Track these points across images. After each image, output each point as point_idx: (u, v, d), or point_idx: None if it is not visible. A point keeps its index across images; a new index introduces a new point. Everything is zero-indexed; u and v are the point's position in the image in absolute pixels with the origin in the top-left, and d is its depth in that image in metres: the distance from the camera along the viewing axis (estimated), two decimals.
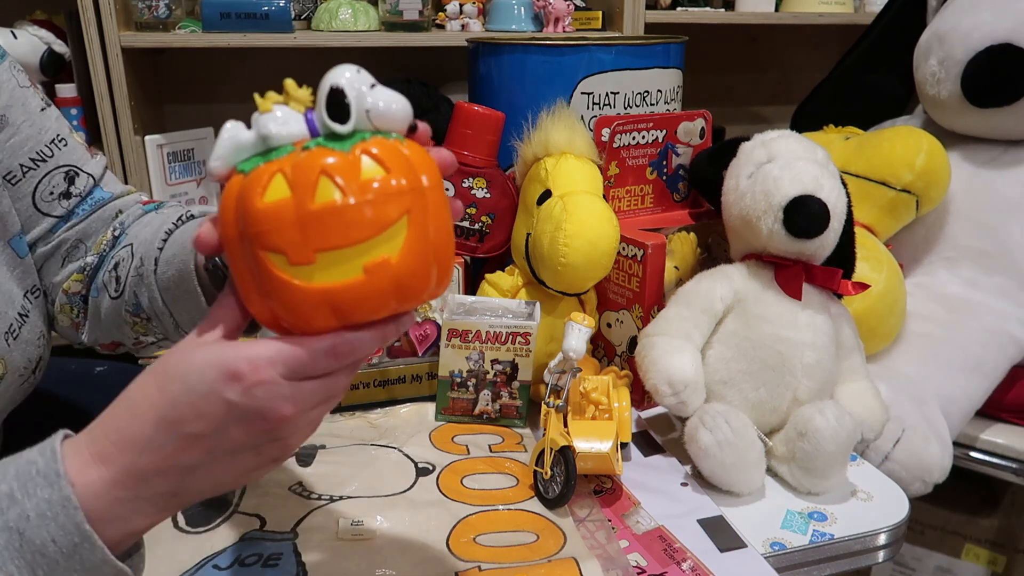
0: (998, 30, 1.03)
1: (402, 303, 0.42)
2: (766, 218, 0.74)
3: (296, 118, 0.42)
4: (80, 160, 0.67)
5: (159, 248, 0.60)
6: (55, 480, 0.39)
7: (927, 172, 1.02)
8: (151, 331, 0.63)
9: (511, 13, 1.49)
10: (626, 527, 0.66)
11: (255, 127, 0.42)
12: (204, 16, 1.35)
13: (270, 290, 0.40)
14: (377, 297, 0.41)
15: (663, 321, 0.78)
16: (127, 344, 0.67)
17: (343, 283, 0.40)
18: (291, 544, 0.63)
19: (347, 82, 0.41)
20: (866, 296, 0.93)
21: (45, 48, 1.36)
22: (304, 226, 0.39)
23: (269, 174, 0.40)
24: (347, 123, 0.41)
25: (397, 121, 0.42)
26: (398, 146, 0.42)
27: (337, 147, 0.40)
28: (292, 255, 0.39)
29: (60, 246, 0.66)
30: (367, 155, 0.40)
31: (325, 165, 0.39)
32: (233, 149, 0.42)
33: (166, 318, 0.61)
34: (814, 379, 0.75)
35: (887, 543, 0.69)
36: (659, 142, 0.92)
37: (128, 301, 0.62)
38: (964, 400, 0.98)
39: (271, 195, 0.40)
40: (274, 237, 0.39)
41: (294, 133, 0.42)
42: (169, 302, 0.60)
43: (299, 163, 0.40)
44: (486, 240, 0.89)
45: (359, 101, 0.41)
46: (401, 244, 0.40)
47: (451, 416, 0.82)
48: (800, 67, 1.94)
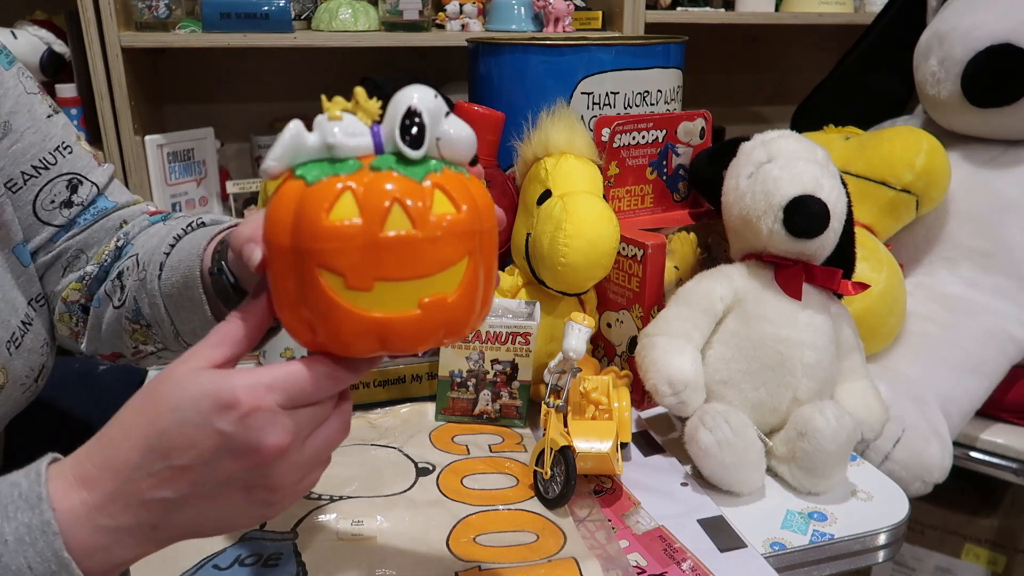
0: (998, 30, 1.03)
1: (447, 338, 0.42)
2: (766, 218, 0.74)
3: (363, 131, 0.41)
4: (85, 168, 0.66)
5: (165, 253, 0.59)
6: (36, 503, 0.38)
7: (927, 172, 1.02)
8: (151, 339, 0.63)
9: (511, 13, 1.49)
10: (626, 527, 0.66)
11: (319, 132, 0.40)
12: (204, 16, 1.35)
13: (317, 309, 0.40)
14: (428, 332, 0.41)
15: (663, 321, 0.78)
16: (126, 355, 0.66)
17: (397, 315, 0.40)
18: (291, 544, 0.63)
19: (424, 106, 0.40)
20: (866, 296, 0.93)
21: (45, 48, 1.36)
22: (369, 253, 0.38)
23: (338, 191, 0.39)
24: (420, 149, 0.40)
25: (464, 153, 0.42)
26: (466, 183, 0.42)
27: (409, 174, 0.40)
28: (350, 279, 0.39)
29: (61, 255, 0.66)
30: (439, 188, 0.40)
31: (397, 192, 0.39)
32: (294, 151, 0.41)
33: (167, 326, 0.60)
34: (814, 379, 0.75)
35: (887, 543, 0.69)
36: (659, 142, 0.92)
37: (128, 308, 0.62)
38: (964, 400, 0.98)
39: (338, 213, 0.38)
40: (335, 257, 0.38)
41: (360, 146, 0.41)
42: (171, 309, 0.59)
43: (371, 186, 0.39)
44: None
45: (433, 127, 0.41)
46: (458, 283, 0.41)
47: (451, 416, 0.82)
48: (800, 67, 1.94)
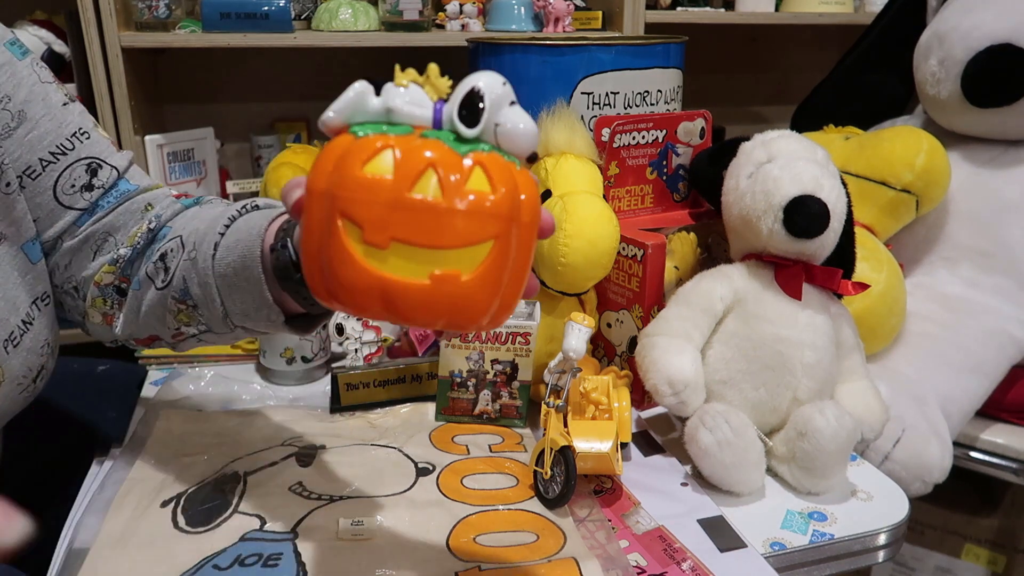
0: (998, 30, 1.03)
1: (451, 324, 0.41)
2: (766, 218, 0.74)
3: (426, 103, 0.41)
4: (103, 153, 0.66)
5: (220, 233, 0.59)
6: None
7: (927, 172, 1.02)
8: (195, 321, 0.63)
9: (511, 13, 1.49)
10: (626, 527, 0.66)
11: (384, 96, 0.41)
12: (204, 16, 1.35)
13: (331, 257, 0.40)
14: (430, 308, 0.40)
15: (663, 321, 0.78)
16: (165, 338, 0.66)
17: (405, 280, 0.39)
18: (291, 544, 0.63)
19: (488, 89, 0.41)
20: (866, 296, 0.93)
21: (45, 48, 1.36)
22: (392, 209, 0.38)
23: (380, 146, 0.39)
24: (474, 128, 0.40)
25: (522, 145, 0.42)
26: (512, 170, 0.41)
27: (454, 147, 0.40)
28: (368, 233, 0.39)
29: (88, 240, 0.65)
30: (480, 167, 0.40)
31: (436, 160, 0.39)
32: (354, 108, 0.41)
33: (216, 306, 0.60)
34: (814, 379, 0.75)
35: (887, 543, 0.69)
36: (659, 142, 0.92)
37: (176, 287, 0.61)
38: (964, 400, 0.98)
39: (373, 167, 0.39)
40: (358, 208, 0.39)
41: (418, 116, 0.41)
42: (223, 289, 0.59)
43: (412, 147, 0.39)
44: None
45: (493, 111, 0.40)
46: (477, 266, 0.40)
47: (451, 416, 0.82)
48: (800, 67, 1.94)
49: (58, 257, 0.66)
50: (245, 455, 0.75)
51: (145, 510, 0.67)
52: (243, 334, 0.63)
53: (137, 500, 0.68)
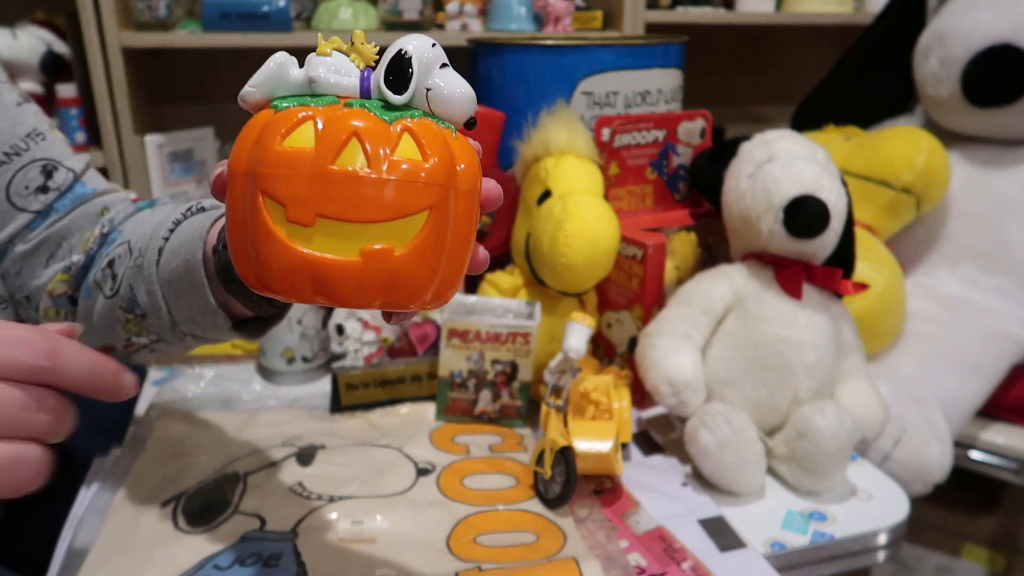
0: (998, 30, 1.03)
1: (388, 302, 0.38)
2: (766, 218, 0.74)
3: (352, 71, 0.38)
4: (60, 155, 0.64)
5: (164, 238, 0.57)
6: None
7: (927, 172, 1.02)
8: (145, 330, 0.60)
9: (511, 13, 1.49)
10: (626, 527, 0.66)
11: (306, 67, 0.39)
12: (204, 16, 1.35)
13: (256, 239, 0.37)
14: (364, 286, 0.37)
15: (663, 321, 0.78)
16: (118, 348, 0.64)
17: (334, 259, 0.36)
18: (291, 544, 0.63)
19: (417, 52, 0.38)
20: (866, 296, 0.93)
21: (45, 48, 1.36)
22: (316, 184, 0.36)
23: (300, 118, 0.37)
24: (403, 94, 0.38)
25: (457, 111, 0.39)
26: (446, 136, 0.38)
27: (381, 115, 0.37)
28: (291, 210, 0.36)
29: (41, 245, 0.63)
30: (409, 133, 0.37)
31: (361, 128, 0.36)
32: (275, 81, 0.39)
33: (163, 315, 0.58)
34: (814, 379, 0.75)
35: (887, 543, 0.69)
36: (659, 142, 0.92)
37: (123, 297, 0.59)
38: (964, 400, 0.98)
39: (293, 140, 0.37)
40: (280, 184, 0.36)
41: (343, 86, 0.38)
42: (169, 296, 0.57)
43: (335, 117, 0.37)
44: (486, 240, 0.89)
45: (422, 76, 0.38)
46: (411, 239, 0.37)
47: (451, 416, 0.82)
48: (800, 67, 1.93)
49: (9, 263, 0.64)
50: (245, 455, 0.75)
51: (145, 510, 0.67)
52: (193, 343, 0.60)
53: (137, 500, 0.68)
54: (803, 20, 1.68)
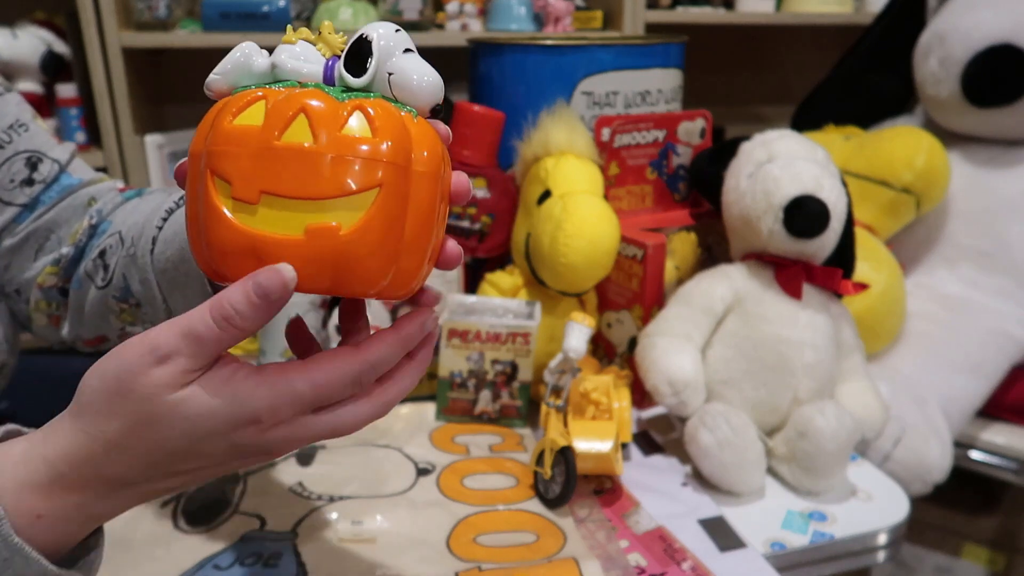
0: (998, 30, 1.03)
1: (338, 285, 0.36)
2: (766, 218, 0.74)
3: (316, 59, 0.38)
4: (44, 146, 0.63)
5: (158, 227, 0.55)
6: None
7: (927, 172, 1.02)
8: (140, 319, 0.59)
9: (511, 13, 1.49)
10: (626, 527, 0.66)
11: (273, 55, 0.38)
12: (204, 16, 1.35)
13: (205, 219, 0.36)
14: (309, 266, 0.35)
15: (663, 321, 0.78)
16: (112, 338, 0.62)
17: (277, 237, 0.35)
18: (291, 544, 0.63)
19: (378, 37, 0.37)
20: (866, 296, 0.93)
21: (45, 48, 1.36)
22: (260, 160, 0.35)
23: (252, 98, 0.36)
24: (361, 77, 0.37)
25: (421, 96, 0.38)
26: (402, 118, 0.37)
27: (335, 95, 0.36)
28: (236, 187, 0.35)
29: (29, 238, 0.62)
30: (360, 111, 0.36)
31: (308, 105, 0.35)
32: (239, 70, 0.38)
33: (158, 303, 0.56)
34: (814, 379, 0.75)
35: (887, 543, 0.69)
36: (659, 142, 0.92)
37: (116, 287, 0.58)
38: (964, 400, 0.98)
39: (244, 119, 0.36)
40: (226, 161, 0.35)
41: (304, 73, 0.38)
42: (164, 285, 0.56)
43: (286, 96, 0.36)
44: (486, 240, 0.89)
45: (383, 60, 0.37)
46: (359, 219, 0.35)
47: (451, 416, 0.82)
48: (800, 67, 1.94)
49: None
50: None
51: (145, 510, 0.67)
52: None
53: None
54: (803, 20, 1.68)
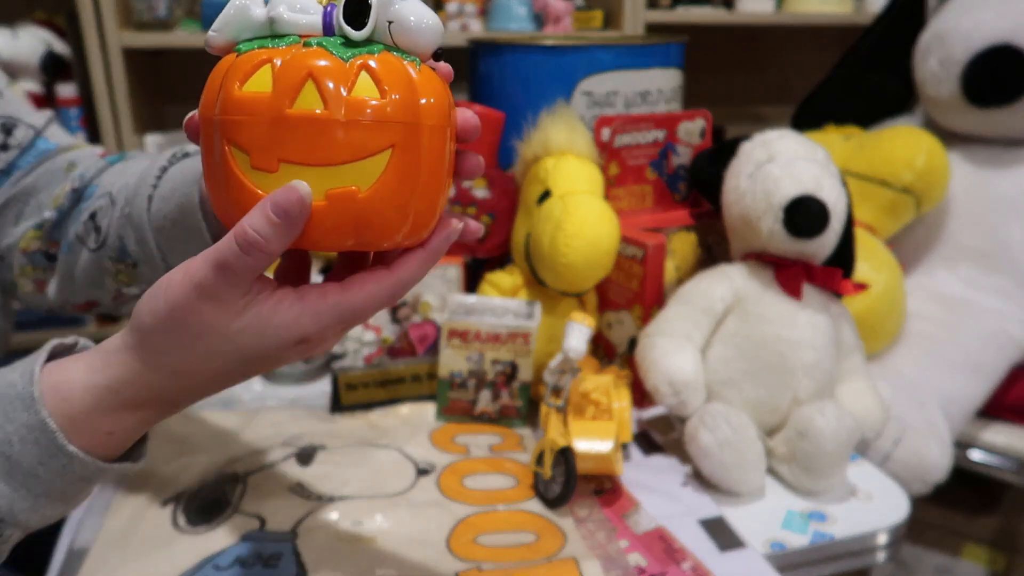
0: (998, 30, 1.03)
1: (361, 242, 0.38)
2: (766, 218, 0.74)
3: (313, 8, 0.38)
4: (19, 111, 0.63)
5: (152, 185, 0.55)
6: (31, 404, 0.39)
7: (927, 172, 1.02)
8: (135, 280, 0.59)
9: (511, 13, 1.49)
10: (626, 527, 0.66)
11: (268, 6, 0.38)
12: (204, 16, 1.35)
13: (227, 187, 0.37)
14: (333, 229, 0.37)
15: (663, 321, 0.78)
16: (104, 301, 0.62)
17: None
18: (291, 544, 0.63)
19: None
20: (866, 296, 0.93)
21: (45, 48, 1.36)
22: (275, 129, 0.36)
23: (257, 62, 0.36)
24: (362, 30, 0.37)
25: (422, 41, 0.38)
26: (408, 70, 0.37)
27: (338, 53, 0.36)
28: (255, 157, 0.36)
29: (8, 204, 0.62)
30: (367, 71, 0.36)
31: (316, 69, 0.35)
32: (238, 24, 0.38)
33: (156, 262, 0.56)
34: (814, 379, 0.75)
35: (887, 543, 0.69)
36: (659, 142, 0.92)
37: (112, 247, 0.58)
38: (964, 400, 0.98)
39: (252, 85, 0.36)
40: (242, 132, 0.36)
41: (303, 24, 0.37)
42: (163, 242, 0.55)
43: (291, 59, 0.36)
44: (486, 240, 0.89)
45: (383, 8, 0.37)
46: (375, 179, 0.36)
47: (451, 416, 0.82)
48: (800, 67, 1.94)
49: None
50: (245, 455, 0.75)
51: (145, 510, 0.67)
52: None
53: (137, 500, 0.68)
54: (803, 20, 1.68)
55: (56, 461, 0.39)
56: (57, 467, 0.40)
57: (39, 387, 0.39)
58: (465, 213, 0.88)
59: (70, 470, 0.40)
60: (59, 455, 0.39)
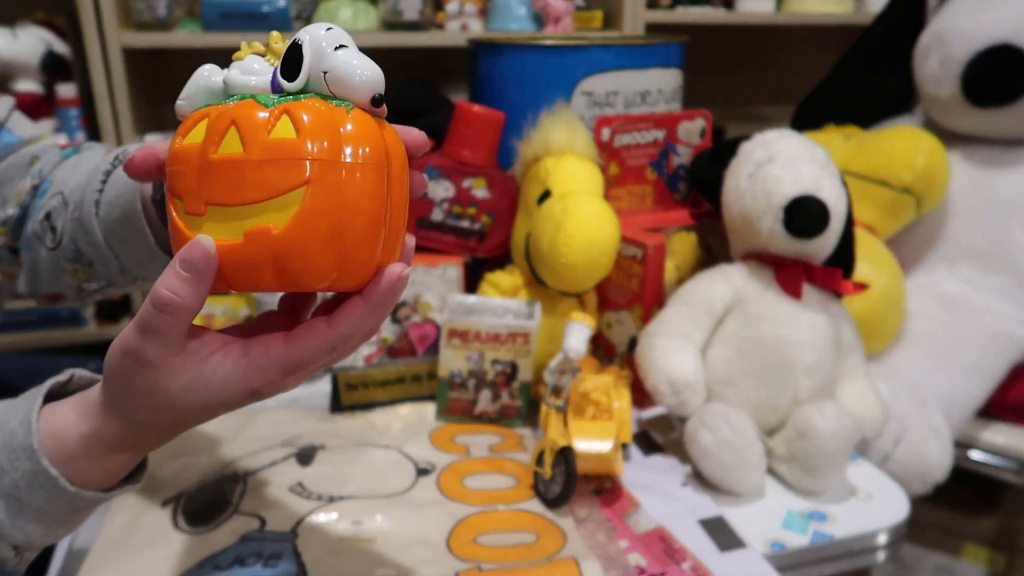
0: (998, 30, 1.03)
1: (283, 282, 0.38)
2: (766, 218, 0.74)
3: (263, 70, 0.39)
4: None
5: (98, 190, 0.56)
6: (32, 455, 0.42)
7: (927, 172, 1.02)
8: (94, 276, 0.60)
9: (511, 13, 1.49)
10: (626, 527, 0.66)
11: (225, 72, 0.41)
12: (204, 16, 1.35)
13: (172, 233, 0.40)
14: (251, 266, 0.38)
15: (663, 321, 0.78)
16: (68, 294, 0.63)
17: (222, 243, 0.38)
18: (291, 544, 0.63)
19: (309, 39, 0.38)
20: (866, 296, 0.93)
21: (45, 48, 1.36)
22: (202, 174, 0.38)
23: (197, 117, 0.39)
24: (294, 81, 0.39)
25: (356, 90, 0.39)
26: (334, 114, 0.38)
27: (266, 102, 0.38)
28: (187, 202, 0.38)
29: None
30: (287, 114, 0.38)
31: (239, 116, 0.37)
32: (201, 91, 0.41)
33: (111, 262, 0.57)
34: (814, 379, 0.75)
35: (887, 543, 0.69)
36: (659, 142, 0.92)
37: (66, 248, 0.59)
38: (964, 400, 0.98)
39: (189, 138, 0.39)
40: (178, 180, 0.38)
41: (252, 85, 0.39)
42: (114, 244, 0.56)
43: (222, 111, 0.38)
44: (486, 240, 0.89)
45: (317, 60, 0.38)
46: (290, 217, 0.37)
47: (451, 416, 0.82)
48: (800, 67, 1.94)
49: None
50: (245, 455, 0.75)
51: (145, 510, 0.67)
52: (145, 284, 0.60)
53: (137, 500, 0.68)
54: (803, 20, 1.68)
55: (61, 499, 0.42)
56: (63, 503, 0.43)
57: (37, 437, 0.42)
58: (465, 213, 0.88)
59: (75, 504, 0.43)
60: (63, 494, 0.42)
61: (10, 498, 0.42)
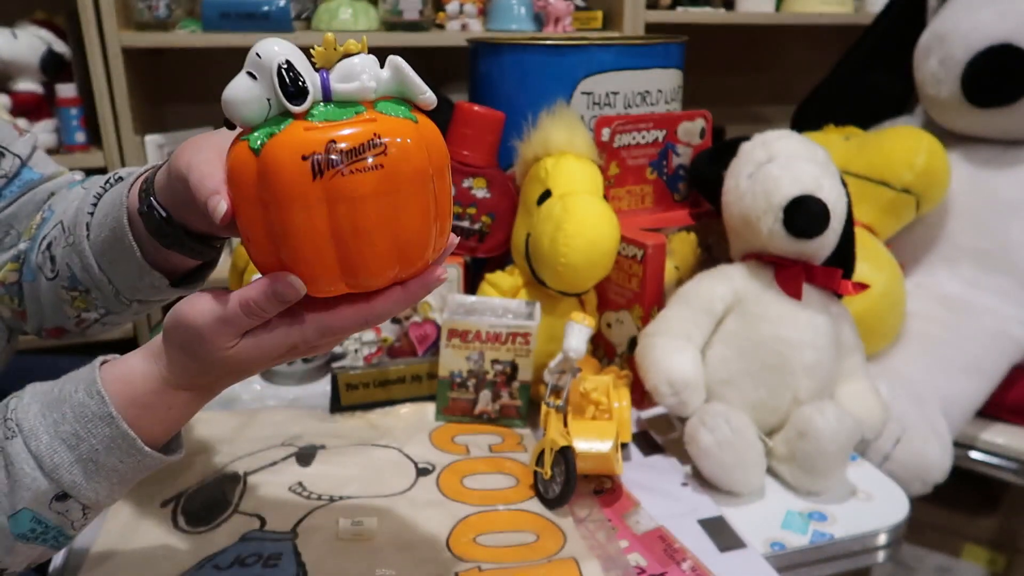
0: (998, 30, 1.03)
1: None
2: (766, 218, 0.74)
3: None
4: (5, 140, 0.63)
5: (89, 213, 0.57)
6: (111, 421, 0.47)
7: (927, 172, 1.02)
8: (91, 305, 0.60)
9: (511, 13, 1.49)
10: (626, 527, 0.66)
11: None
12: (204, 16, 1.35)
13: None
14: None
15: (663, 321, 0.78)
16: (69, 327, 0.64)
17: None
18: (291, 544, 0.63)
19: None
20: (866, 296, 0.93)
21: (45, 48, 1.36)
22: None
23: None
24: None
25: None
26: None
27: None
28: None
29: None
30: None
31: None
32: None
33: (105, 286, 0.58)
34: (814, 379, 0.75)
35: (887, 543, 0.69)
36: (659, 142, 0.92)
37: (63, 277, 0.59)
38: (964, 400, 0.98)
39: None
40: None
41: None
42: (105, 267, 0.57)
43: None
44: (486, 240, 0.89)
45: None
46: None
47: (451, 416, 0.82)
48: (800, 67, 1.94)
49: None
50: (245, 455, 0.75)
51: (145, 510, 0.67)
52: (140, 308, 0.61)
53: (137, 500, 0.68)
54: (803, 20, 1.68)
55: (133, 459, 0.48)
56: (133, 464, 0.49)
57: (112, 405, 0.47)
58: (465, 213, 0.88)
59: (143, 464, 0.49)
60: (136, 454, 0.48)
61: (88, 462, 0.47)
